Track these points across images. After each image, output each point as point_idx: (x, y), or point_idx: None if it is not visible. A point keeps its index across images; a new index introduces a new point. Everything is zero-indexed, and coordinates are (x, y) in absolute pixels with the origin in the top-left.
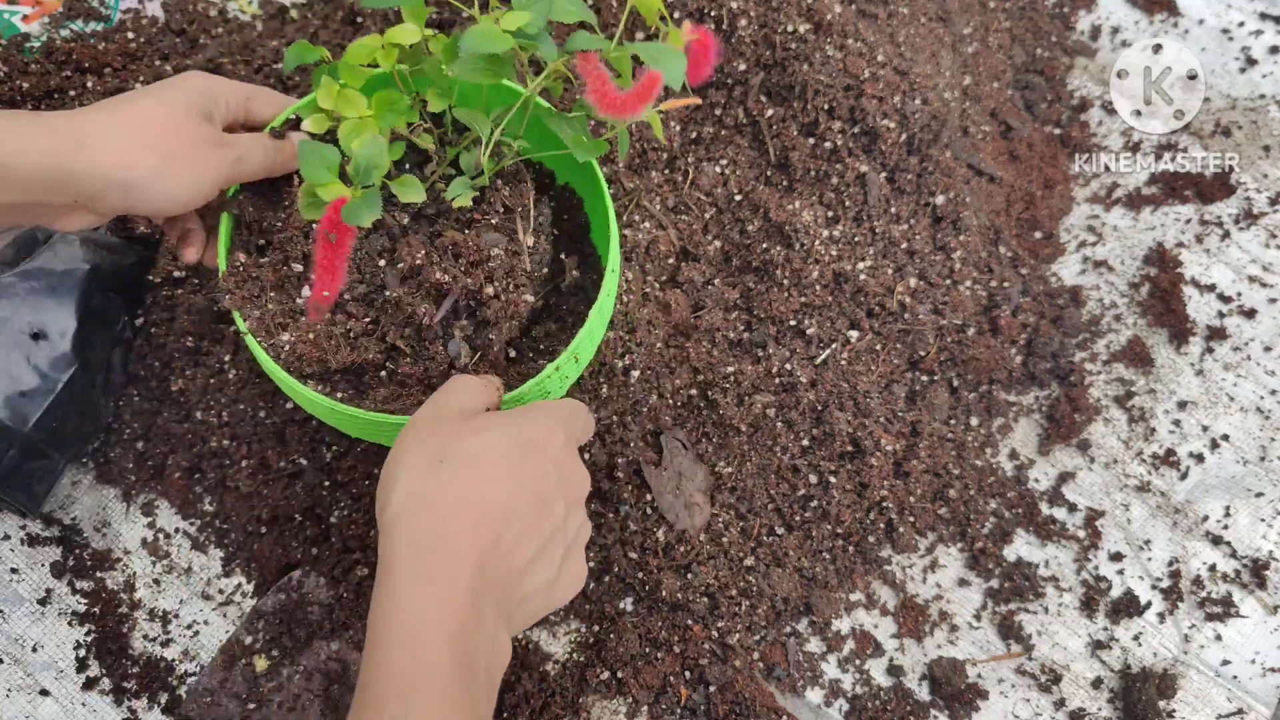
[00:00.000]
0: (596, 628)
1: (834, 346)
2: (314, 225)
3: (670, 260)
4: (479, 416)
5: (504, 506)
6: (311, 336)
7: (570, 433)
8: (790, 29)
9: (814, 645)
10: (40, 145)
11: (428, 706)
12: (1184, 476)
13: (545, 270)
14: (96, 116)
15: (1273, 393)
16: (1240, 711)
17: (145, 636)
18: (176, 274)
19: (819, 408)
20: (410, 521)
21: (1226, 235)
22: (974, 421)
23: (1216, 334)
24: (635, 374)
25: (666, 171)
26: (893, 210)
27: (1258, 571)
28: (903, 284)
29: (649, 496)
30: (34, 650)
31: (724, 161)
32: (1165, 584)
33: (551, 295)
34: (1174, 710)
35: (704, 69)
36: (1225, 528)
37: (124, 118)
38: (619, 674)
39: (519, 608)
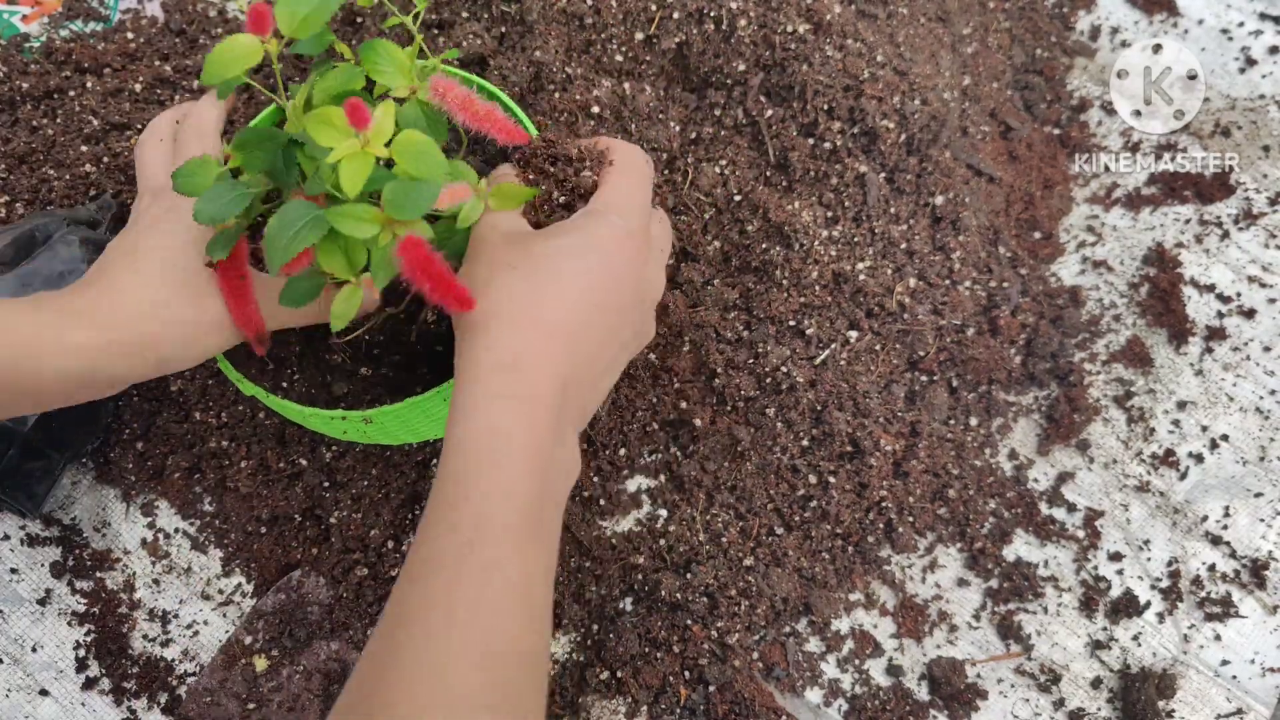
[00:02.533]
0: (596, 627)
1: (833, 347)
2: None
3: (670, 261)
4: (548, 227)
5: (583, 316)
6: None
7: (645, 237)
8: (790, 29)
9: (813, 645)
10: (67, 343)
11: (504, 538)
12: (1183, 476)
13: None
14: (91, 291)
15: (1272, 393)
16: (1240, 711)
17: (145, 636)
18: None
19: (818, 408)
20: (488, 334)
21: (1226, 235)
22: (973, 421)
23: (1216, 334)
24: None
25: (666, 172)
26: (892, 210)
27: (1257, 572)
28: (902, 284)
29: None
30: (34, 650)
31: (723, 162)
32: (1165, 584)
33: None
34: (1173, 710)
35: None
36: (1225, 528)
37: (129, 284)
38: (618, 674)
39: (586, 414)
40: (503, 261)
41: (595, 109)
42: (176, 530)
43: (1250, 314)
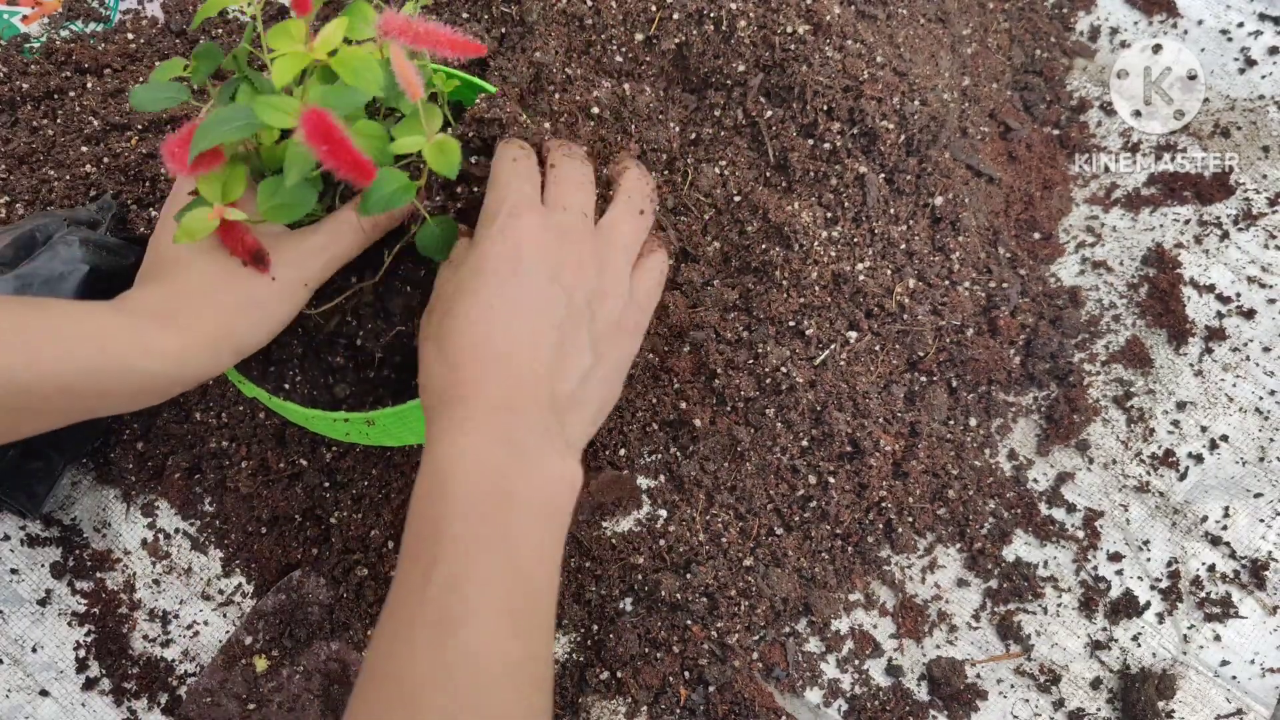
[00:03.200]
0: (596, 627)
1: (833, 347)
2: None
3: (669, 261)
4: (465, 253)
5: (508, 330)
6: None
7: (536, 205)
8: (789, 30)
9: (813, 645)
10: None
11: (465, 563)
12: (1183, 477)
13: None
14: (163, 290)
15: (1272, 393)
16: (1239, 712)
17: (145, 637)
18: None
19: (818, 408)
20: (429, 376)
21: (1225, 236)
22: (973, 422)
23: (1215, 335)
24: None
25: (665, 173)
26: (891, 211)
27: (1257, 572)
28: (901, 285)
29: None
30: (34, 651)
31: (723, 162)
32: (1164, 584)
33: None
34: (1173, 710)
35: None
36: (1224, 528)
37: (196, 280)
38: (618, 674)
39: (572, 414)
40: (438, 294)
41: (595, 110)
42: (177, 530)
43: (1250, 314)
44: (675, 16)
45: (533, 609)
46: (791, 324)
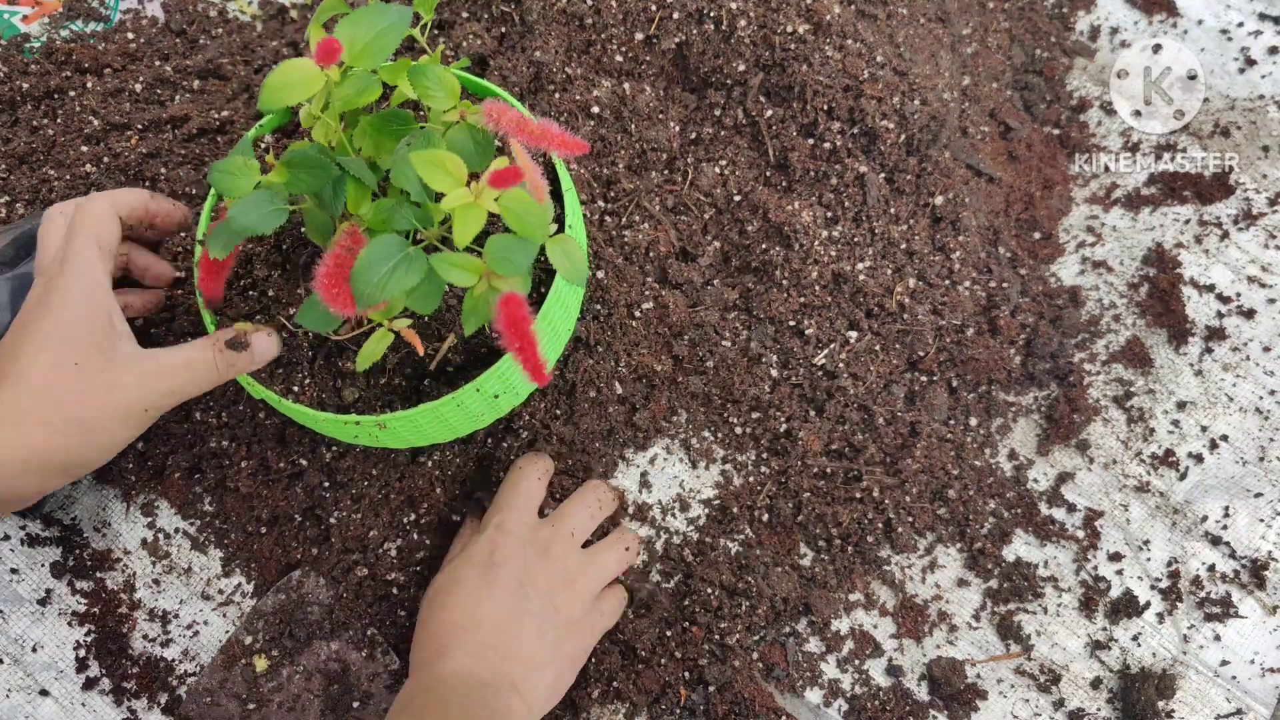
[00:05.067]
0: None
1: (833, 347)
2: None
3: (670, 260)
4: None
5: (476, 614)
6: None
7: (523, 524)
8: (789, 30)
9: (813, 645)
10: None
11: None
12: (1183, 477)
13: None
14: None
15: (1272, 393)
16: (1239, 712)
17: (145, 636)
18: (176, 274)
19: (818, 408)
20: (417, 645)
21: (1225, 236)
22: (973, 422)
23: (1215, 334)
24: (619, 388)
25: (666, 172)
26: (892, 211)
27: (1257, 572)
28: (902, 284)
29: None
30: (34, 650)
31: (723, 162)
32: (1164, 584)
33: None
34: (1173, 710)
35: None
36: (1224, 528)
37: (24, 396)
38: (618, 675)
39: (526, 690)
40: (434, 584)
41: (595, 109)
42: (176, 530)
43: (1250, 314)
44: (675, 16)
45: None
46: (792, 323)
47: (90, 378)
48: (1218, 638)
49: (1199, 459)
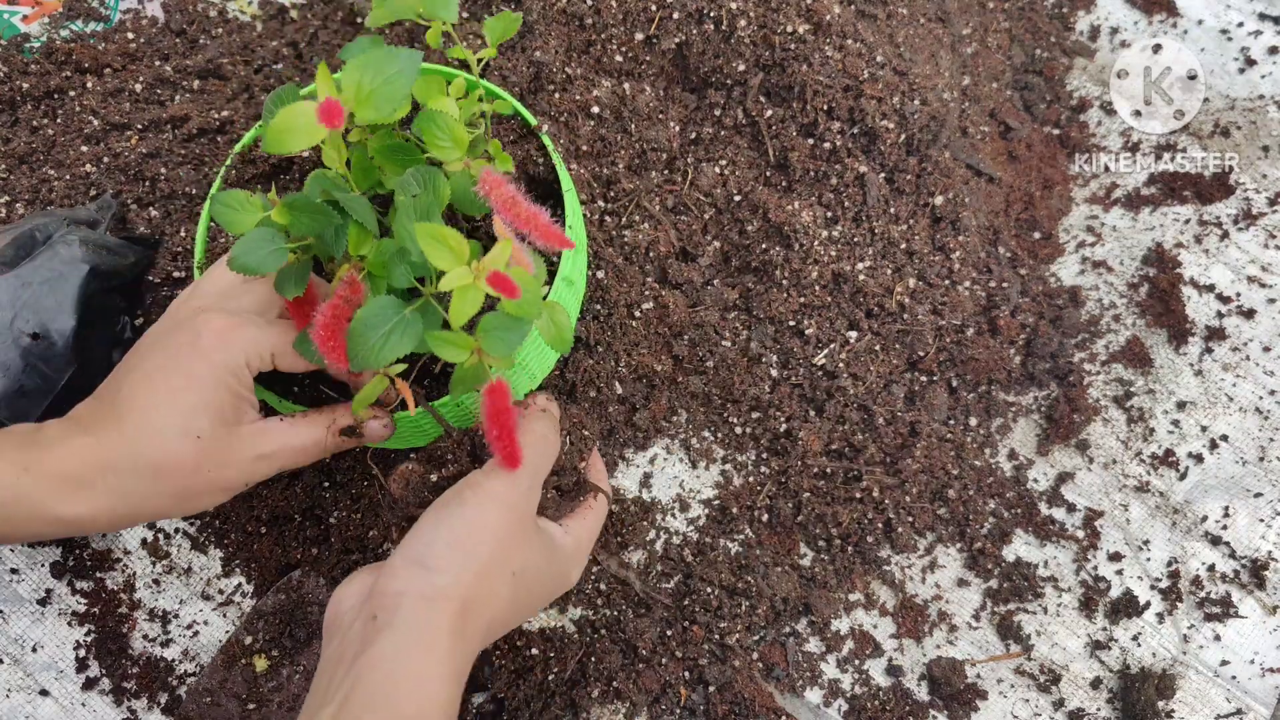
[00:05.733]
0: (598, 629)
1: (833, 347)
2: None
3: (670, 260)
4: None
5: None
6: None
7: (523, 508)
8: (789, 29)
9: (813, 645)
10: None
11: None
12: (1183, 477)
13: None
14: (89, 452)
15: (1272, 393)
16: (1239, 712)
17: (145, 636)
18: (176, 274)
19: (818, 408)
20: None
21: (1225, 236)
22: (973, 422)
23: (1215, 334)
24: (619, 387)
25: (666, 172)
26: (892, 211)
27: (1257, 572)
28: (902, 284)
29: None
30: (34, 650)
31: (723, 162)
32: (1164, 584)
33: None
34: (1173, 710)
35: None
36: (1224, 528)
37: (132, 457)
38: (618, 675)
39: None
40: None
41: (595, 109)
42: (176, 530)
43: (1250, 314)
44: (675, 16)
45: None
46: (792, 323)
47: (206, 455)
48: (1218, 638)
49: (1199, 459)
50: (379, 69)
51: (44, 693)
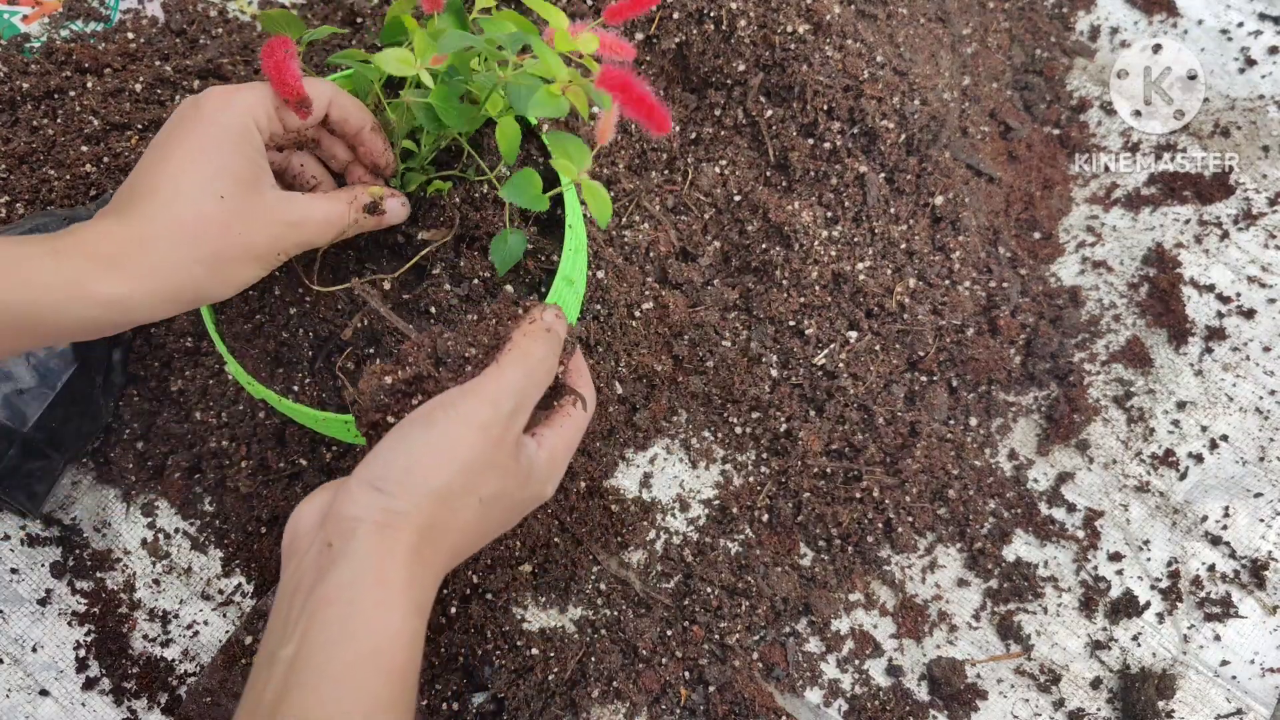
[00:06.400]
0: (598, 630)
1: (833, 347)
2: None
3: (670, 260)
4: (429, 403)
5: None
6: None
7: (503, 428)
8: (790, 29)
9: (813, 645)
10: (56, 278)
11: None
12: (1183, 477)
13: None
14: (121, 230)
15: (1272, 393)
16: (1239, 712)
17: (145, 636)
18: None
19: (818, 408)
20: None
21: (1225, 236)
22: (973, 422)
23: (1215, 334)
24: (619, 388)
25: (666, 172)
26: (892, 211)
27: (1257, 572)
28: (902, 284)
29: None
30: (34, 650)
31: (723, 162)
32: (1164, 584)
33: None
34: (1173, 710)
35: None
36: (1224, 528)
37: (163, 224)
38: (618, 675)
39: (452, 552)
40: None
41: (595, 109)
42: (176, 530)
43: (1250, 314)
44: (675, 16)
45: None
46: (792, 324)
47: (234, 215)
48: (1218, 638)
49: (1199, 459)
50: None
51: (44, 693)
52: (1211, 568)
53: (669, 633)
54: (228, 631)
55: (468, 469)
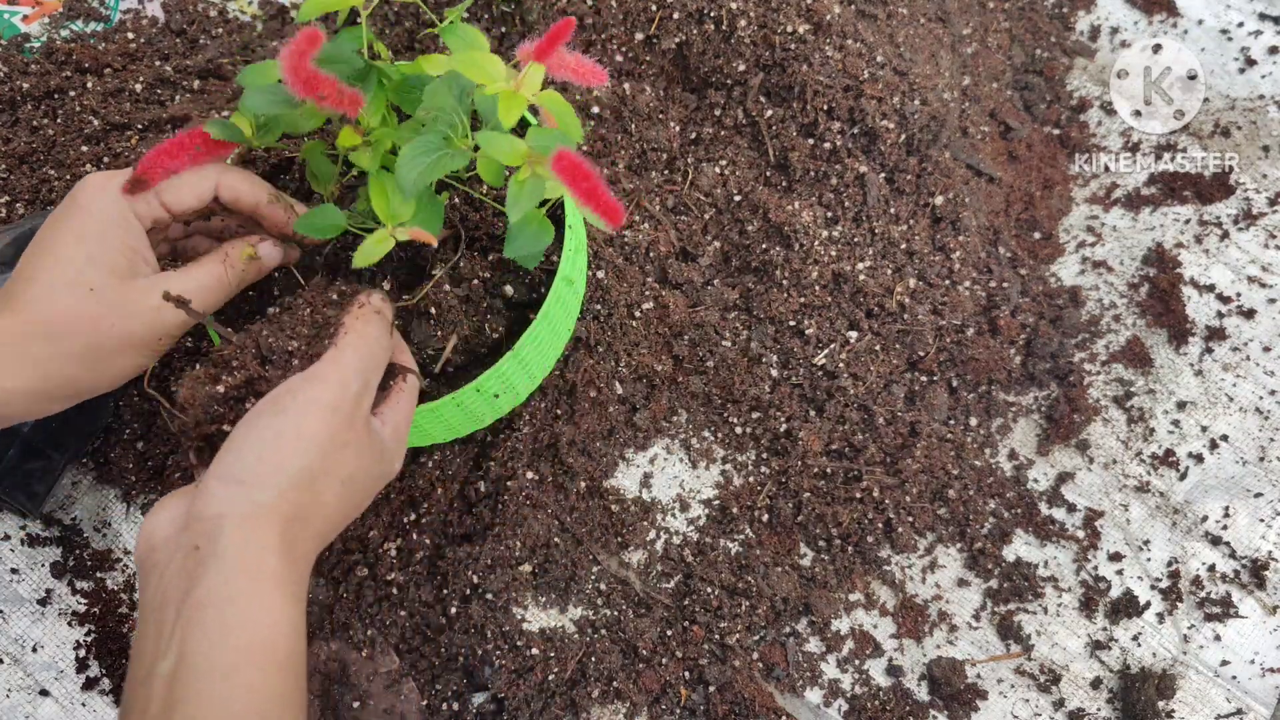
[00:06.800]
0: (598, 628)
1: (833, 347)
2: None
3: (670, 260)
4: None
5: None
6: None
7: (350, 409)
8: (790, 29)
9: (813, 645)
10: None
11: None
12: (1183, 477)
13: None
14: (2, 321)
15: (1272, 393)
16: (1239, 712)
17: None
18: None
19: (818, 408)
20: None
21: (1225, 236)
22: (973, 422)
23: (1216, 334)
24: (619, 387)
25: (666, 172)
26: (892, 211)
27: (1257, 572)
28: (902, 284)
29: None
30: (34, 650)
31: (723, 162)
32: (1164, 584)
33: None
34: (1173, 710)
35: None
36: (1224, 528)
37: (37, 318)
38: (618, 675)
39: (318, 534)
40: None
41: (595, 109)
42: None
43: (1250, 314)
44: (675, 16)
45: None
46: (792, 324)
47: (106, 307)
48: (1218, 638)
49: (1199, 459)
50: None
51: (44, 693)
52: (1211, 568)
53: (669, 633)
54: None
55: (325, 451)
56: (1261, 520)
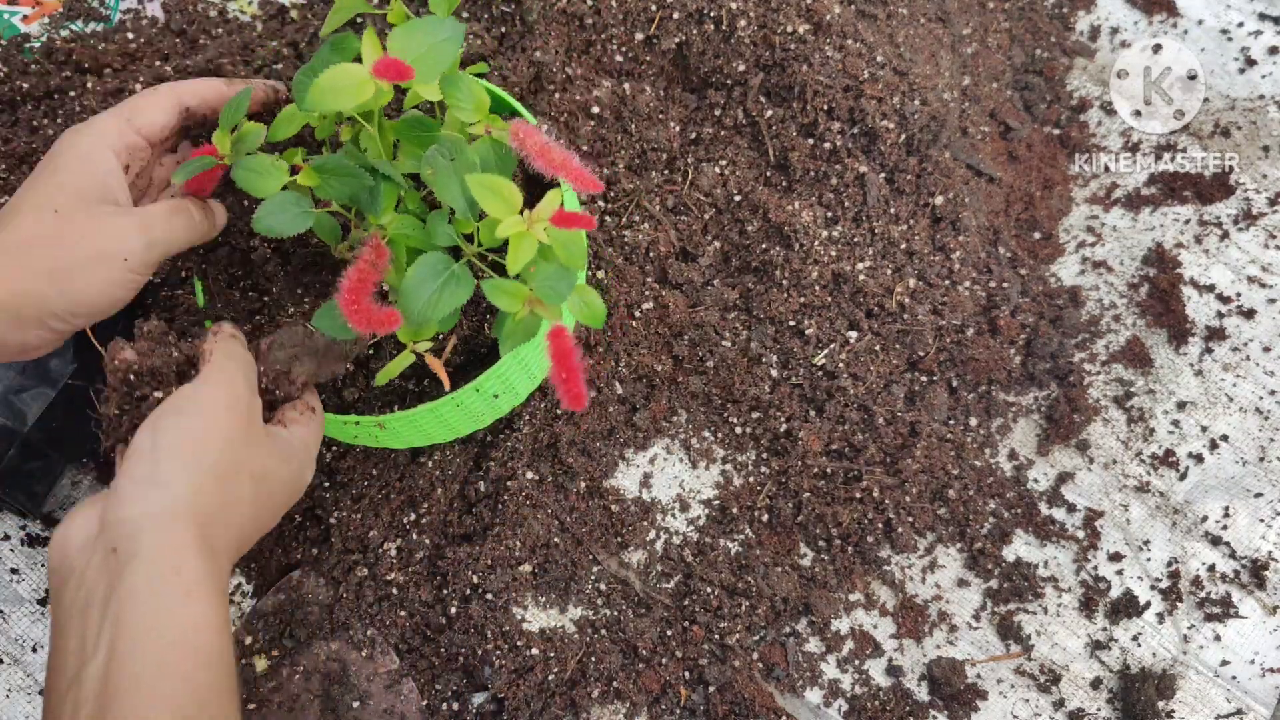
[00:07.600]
0: (599, 630)
1: (833, 347)
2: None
3: (670, 260)
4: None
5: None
6: None
7: (244, 406)
8: (790, 30)
9: (813, 645)
10: None
11: None
12: (1183, 477)
13: None
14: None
15: (1272, 393)
16: (1239, 712)
17: None
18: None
19: (818, 408)
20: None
21: (1226, 236)
22: (973, 422)
23: (1215, 334)
24: (619, 388)
25: (666, 172)
26: (892, 211)
27: (1257, 572)
28: (902, 284)
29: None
30: (34, 650)
31: (723, 162)
32: (1164, 584)
33: None
34: (1173, 710)
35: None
36: (1224, 528)
37: (5, 240)
38: (618, 675)
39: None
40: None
41: (595, 109)
42: None
43: (1250, 314)
44: (675, 16)
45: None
46: (792, 324)
47: (68, 225)
48: (1218, 638)
49: (1199, 459)
50: (425, 37)
51: (44, 693)
52: (1211, 568)
53: (669, 633)
54: None
55: (230, 445)
56: (1261, 520)
